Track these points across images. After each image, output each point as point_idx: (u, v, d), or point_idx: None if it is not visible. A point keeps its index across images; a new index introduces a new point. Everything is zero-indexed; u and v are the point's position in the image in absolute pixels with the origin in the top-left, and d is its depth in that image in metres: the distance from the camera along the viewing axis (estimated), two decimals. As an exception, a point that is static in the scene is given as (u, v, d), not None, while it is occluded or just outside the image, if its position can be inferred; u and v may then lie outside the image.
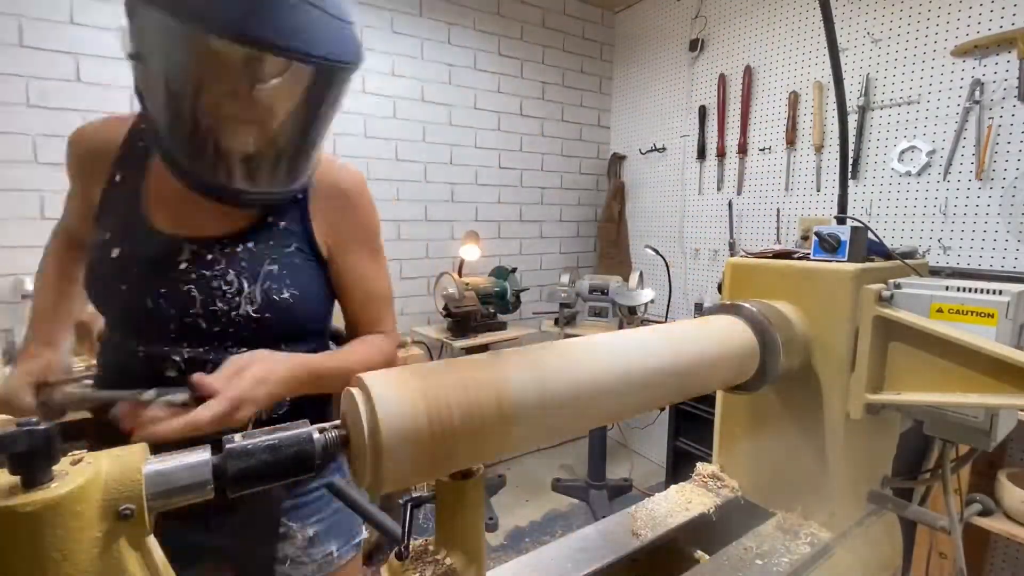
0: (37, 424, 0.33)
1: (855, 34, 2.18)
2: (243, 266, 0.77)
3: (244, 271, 0.77)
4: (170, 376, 0.74)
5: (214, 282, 0.76)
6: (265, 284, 0.78)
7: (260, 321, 0.77)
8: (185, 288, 0.75)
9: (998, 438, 0.70)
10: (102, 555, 0.36)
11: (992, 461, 1.71)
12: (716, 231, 2.85)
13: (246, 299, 0.76)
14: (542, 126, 3.21)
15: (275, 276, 0.78)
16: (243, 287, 0.76)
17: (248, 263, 0.78)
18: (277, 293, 0.78)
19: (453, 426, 0.45)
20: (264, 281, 0.78)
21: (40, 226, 1.88)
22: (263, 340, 0.77)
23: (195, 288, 0.75)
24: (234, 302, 0.76)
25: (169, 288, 0.75)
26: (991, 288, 0.65)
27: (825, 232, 0.77)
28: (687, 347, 0.65)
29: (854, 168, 2.20)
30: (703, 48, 2.83)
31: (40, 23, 1.83)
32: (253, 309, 0.76)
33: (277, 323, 0.79)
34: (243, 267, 0.77)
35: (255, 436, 0.41)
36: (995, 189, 1.83)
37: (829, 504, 0.77)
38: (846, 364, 0.73)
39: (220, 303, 0.75)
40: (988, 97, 1.83)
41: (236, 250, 0.78)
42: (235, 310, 0.76)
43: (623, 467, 3.14)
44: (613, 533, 0.79)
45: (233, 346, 0.76)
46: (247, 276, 0.77)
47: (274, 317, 0.78)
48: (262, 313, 0.77)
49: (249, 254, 0.78)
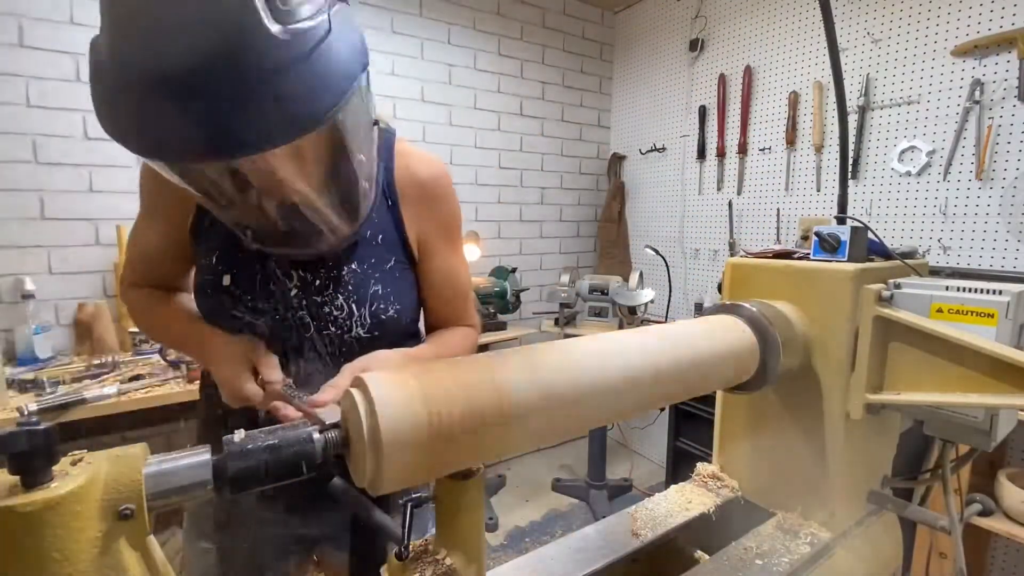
0: (37, 424, 0.33)
1: (855, 34, 2.18)
2: (351, 289, 0.78)
3: (352, 295, 0.78)
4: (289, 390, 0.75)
5: (325, 308, 0.77)
6: (373, 306, 0.79)
7: (370, 340, 0.79)
8: (299, 315, 0.77)
9: (998, 438, 0.70)
10: (102, 555, 0.36)
11: (992, 461, 1.71)
12: (716, 231, 2.84)
13: (357, 322, 0.78)
14: (542, 126, 3.21)
15: (380, 296, 0.80)
16: (353, 311, 0.78)
17: (355, 286, 0.78)
18: (384, 312, 0.80)
19: (453, 426, 0.45)
20: (372, 303, 0.79)
21: (40, 226, 1.88)
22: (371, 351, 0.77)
23: (307, 315, 0.77)
24: (345, 325, 0.78)
25: (282, 314, 0.76)
26: (991, 288, 0.65)
27: (825, 232, 0.77)
28: (687, 347, 0.65)
29: (854, 168, 2.20)
30: (703, 48, 2.83)
31: (40, 23, 1.83)
32: (364, 331, 0.79)
33: (385, 337, 0.80)
34: (351, 290, 0.78)
35: (255, 436, 0.41)
36: (995, 189, 1.83)
37: (829, 504, 0.77)
38: (846, 364, 0.73)
39: (332, 327, 0.78)
40: (988, 97, 1.83)
41: (342, 273, 0.78)
42: (347, 333, 0.78)
43: (623, 467, 3.14)
44: (613, 533, 0.79)
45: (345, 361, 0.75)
46: (355, 300, 0.78)
47: (383, 334, 0.80)
48: (372, 332, 0.79)
49: (354, 276, 0.78)
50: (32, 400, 1.42)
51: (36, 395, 1.48)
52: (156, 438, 2.16)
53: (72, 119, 1.91)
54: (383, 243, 0.81)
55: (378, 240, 0.81)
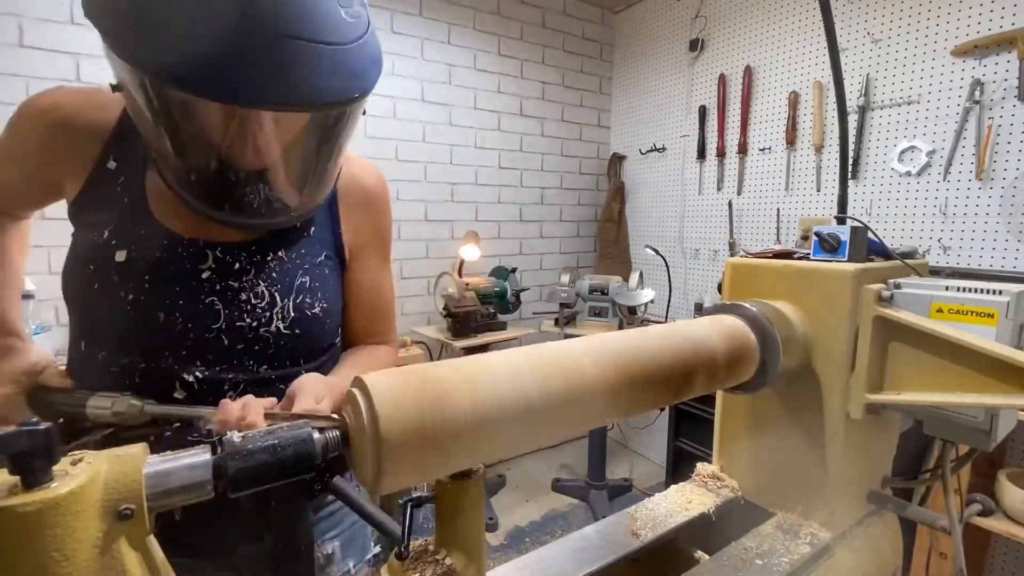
0: (37, 424, 0.33)
1: (855, 34, 2.18)
2: (274, 277, 0.71)
3: (275, 283, 0.71)
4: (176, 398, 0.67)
5: (242, 295, 0.69)
6: (298, 299, 0.72)
7: (289, 337, 0.72)
8: (207, 300, 0.68)
9: (998, 438, 0.70)
10: (102, 555, 0.36)
11: (992, 461, 1.71)
12: (716, 231, 2.84)
13: (277, 314, 0.70)
14: (542, 126, 3.21)
15: (307, 289, 0.73)
16: (275, 301, 0.71)
17: (280, 274, 0.72)
18: (309, 308, 0.73)
19: (454, 426, 0.45)
20: (297, 295, 0.72)
21: (39, 226, 1.85)
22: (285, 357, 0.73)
23: (218, 300, 0.68)
24: (264, 317, 0.70)
25: (187, 300, 0.67)
26: (991, 288, 0.65)
27: (825, 232, 0.77)
28: (687, 347, 0.65)
29: (854, 168, 2.20)
30: (703, 48, 2.83)
31: (40, 23, 1.83)
32: (284, 326, 0.71)
33: (305, 339, 0.74)
34: (274, 278, 0.71)
35: (255, 436, 0.41)
36: (995, 189, 1.83)
37: (829, 504, 0.77)
38: (846, 364, 0.73)
39: (248, 318, 0.69)
40: (988, 97, 1.83)
41: (266, 258, 0.71)
42: (265, 326, 0.70)
43: (623, 467, 3.14)
44: (613, 533, 0.79)
45: (253, 364, 0.70)
46: (279, 289, 0.71)
47: (303, 333, 0.73)
48: (292, 329, 0.72)
49: (280, 264, 0.72)
50: (32, 400, 1.42)
51: (36, 395, 1.48)
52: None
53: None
54: (315, 236, 0.76)
55: (310, 232, 0.76)
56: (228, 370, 0.69)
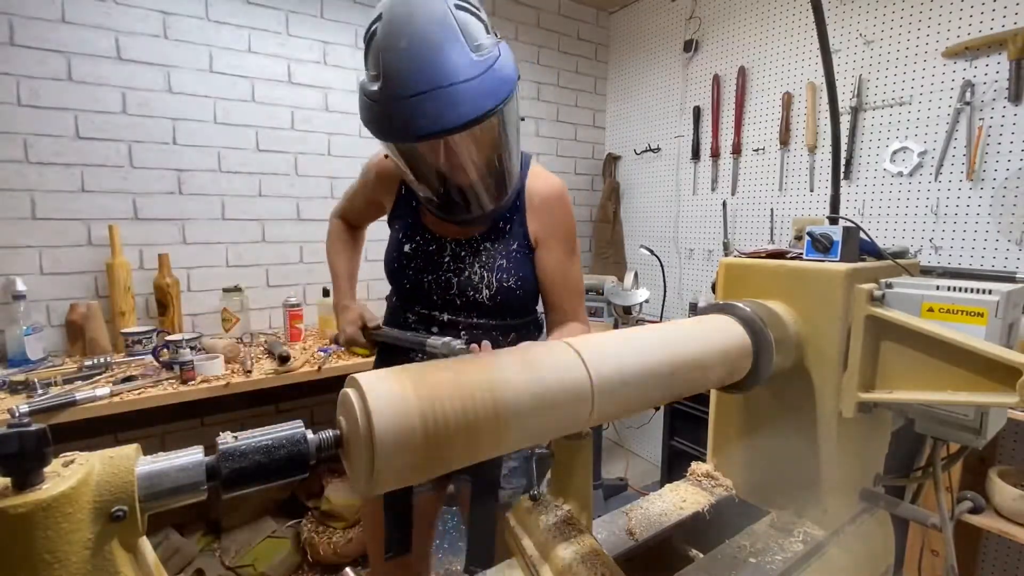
0: (28, 425, 0.33)
1: (847, 36, 2.19)
2: (483, 260, 1.07)
3: (484, 265, 1.07)
4: (433, 331, 1.08)
5: (465, 272, 1.07)
6: (498, 275, 1.06)
7: (494, 300, 1.06)
8: (447, 276, 1.08)
9: (988, 436, 0.70)
10: (94, 557, 0.36)
11: (983, 459, 1.73)
12: (710, 231, 2.86)
13: (485, 286, 1.06)
14: (537, 126, 3.21)
15: (504, 269, 1.07)
16: (484, 277, 1.06)
17: (487, 258, 1.07)
18: (505, 281, 1.07)
19: (447, 426, 0.45)
20: (498, 272, 1.06)
21: (31, 226, 1.87)
22: (495, 313, 1.08)
23: (453, 276, 1.07)
24: (477, 288, 1.06)
25: (437, 274, 1.08)
26: (981, 288, 0.65)
27: (818, 232, 0.78)
28: (681, 347, 0.65)
29: (847, 169, 2.22)
30: (697, 49, 2.84)
31: (31, 22, 1.82)
32: (490, 293, 1.06)
33: (505, 302, 1.07)
34: (483, 261, 1.07)
35: (249, 437, 0.41)
36: (985, 190, 1.85)
37: (822, 502, 0.78)
38: (838, 363, 0.73)
39: (469, 288, 1.06)
40: (979, 98, 1.85)
41: (479, 249, 1.08)
42: (478, 293, 1.06)
43: (618, 466, 3.15)
44: (608, 532, 0.79)
45: (476, 316, 1.08)
46: (487, 269, 1.07)
47: (503, 299, 1.07)
48: (496, 295, 1.06)
49: (488, 252, 1.08)
50: (23, 401, 1.41)
51: (27, 396, 1.47)
52: (150, 439, 2.15)
53: (64, 118, 1.89)
54: (511, 232, 1.09)
55: (508, 230, 1.09)
56: (459, 317, 1.09)
